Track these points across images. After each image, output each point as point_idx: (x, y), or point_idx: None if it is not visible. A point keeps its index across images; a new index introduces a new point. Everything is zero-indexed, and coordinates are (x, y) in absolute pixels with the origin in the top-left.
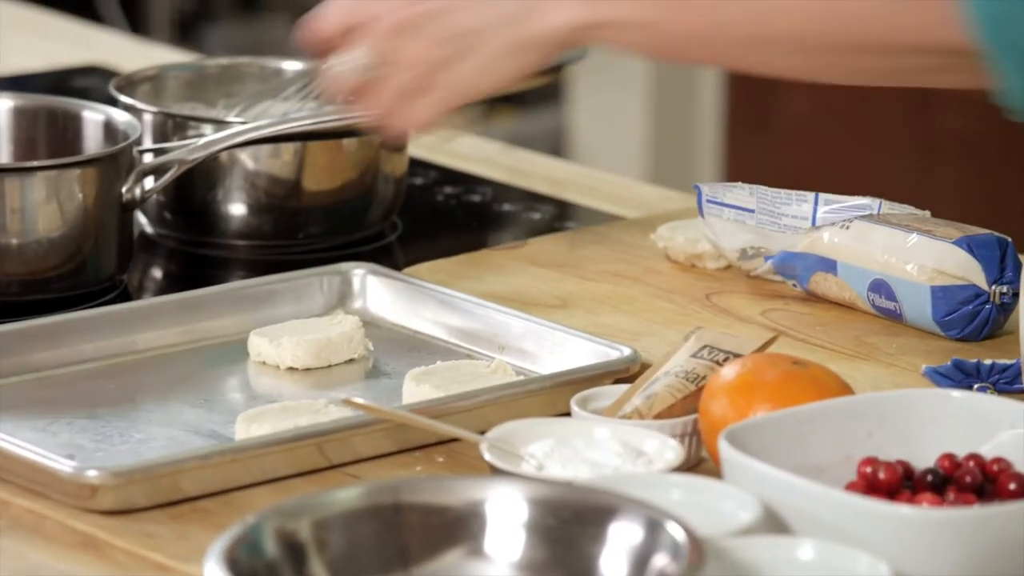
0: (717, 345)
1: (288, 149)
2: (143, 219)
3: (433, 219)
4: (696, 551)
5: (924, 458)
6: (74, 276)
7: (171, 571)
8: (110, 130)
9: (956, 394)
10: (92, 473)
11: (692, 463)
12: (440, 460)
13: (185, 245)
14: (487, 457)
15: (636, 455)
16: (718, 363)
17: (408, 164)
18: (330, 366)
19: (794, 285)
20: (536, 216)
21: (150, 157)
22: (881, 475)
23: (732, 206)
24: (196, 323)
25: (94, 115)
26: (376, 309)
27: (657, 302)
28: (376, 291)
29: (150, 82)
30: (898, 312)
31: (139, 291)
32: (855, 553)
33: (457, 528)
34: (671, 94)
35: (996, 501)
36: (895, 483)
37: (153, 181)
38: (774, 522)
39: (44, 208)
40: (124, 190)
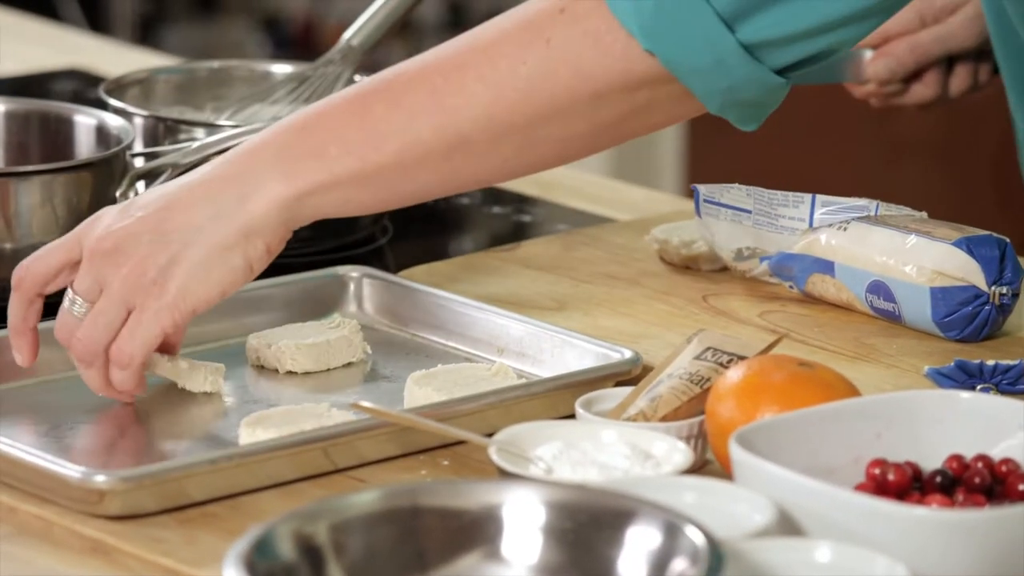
0: (721, 347)
1: None
2: None
3: (423, 222)
4: (716, 555)
5: (932, 459)
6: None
7: None
8: (102, 134)
9: (964, 395)
10: (100, 478)
11: (698, 465)
12: (445, 463)
13: None
14: (496, 460)
15: (644, 458)
16: (722, 365)
17: None
18: (329, 370)
19: (790, 287)
20: (525, 219)
21: (141, 161)
22: (890, 476)
23: (729, 207)
24: (193, 327)
25: (86, 119)
26: (372, 312)
27: (654, 304)
28: (372, 294)
29: (139, 85)
30: (897, 313)
31: None
32: (873, 555)
33: (474, 531)
34: None
35: (1006, 502)
36: (904, 484)
37: (146, 185)
38: (787, 524)
39: (39, 212)
40: (118, 194)
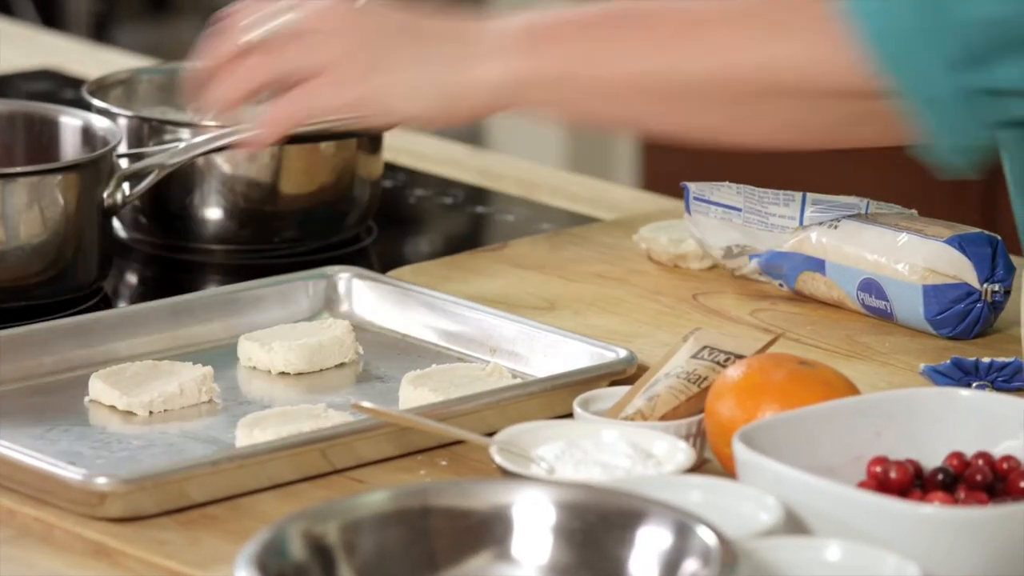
0: (717, 346)
1: (265, 153)
2: (117, 224)
3: (408, 222)
4: (728, 555)
5: (932, 457)
6: (56, 282)
7: None
8: (88, 135)
9: (964, 393)
10: (101, 480)
11: (697, 464)
12: (443, 464)
13: (160, 250)
14: (497, 460)
15: (646, 457)
16: (720, 364)
17: (383, 167)
18: (321, 370)
19: (780, 285)
20: (510, 218)
21: (126, 162)
22: (892, 474)
23: (719, 204)
24: (184, 328)
25: (72, 120)
26: (363, 313)
27: (644, 303)
28: (362, 294)
29: (122, 86)
30: (889, 311)
31: (116, 297)
32: (883, 554)
33: (484, 532)
34: None
35: (1008, 499)
36: (906, 482)
37: (132, 186)
38: (792, 523)
39: (26, 214)
40: (105, 195)
